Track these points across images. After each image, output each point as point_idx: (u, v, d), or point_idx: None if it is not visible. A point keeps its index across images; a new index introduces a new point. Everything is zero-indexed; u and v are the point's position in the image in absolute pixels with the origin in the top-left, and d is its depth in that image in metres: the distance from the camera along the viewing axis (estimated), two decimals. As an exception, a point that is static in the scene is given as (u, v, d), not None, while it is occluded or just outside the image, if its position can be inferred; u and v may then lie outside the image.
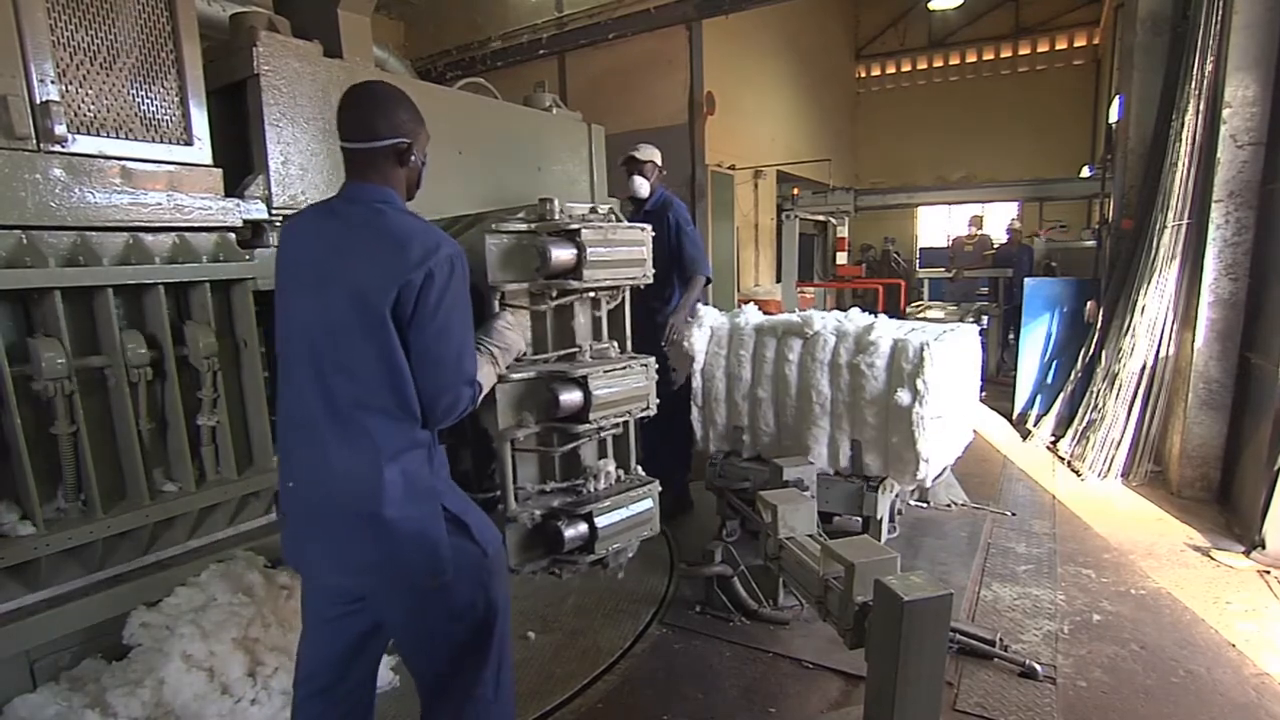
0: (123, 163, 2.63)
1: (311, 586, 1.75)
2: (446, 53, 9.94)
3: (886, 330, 3.36)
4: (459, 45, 9.84)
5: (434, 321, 1.55)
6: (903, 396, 3.13)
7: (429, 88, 3.90)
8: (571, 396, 2.04)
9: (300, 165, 3.18)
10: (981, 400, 5.36)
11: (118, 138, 2.63)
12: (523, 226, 2.04)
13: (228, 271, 2.90)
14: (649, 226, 2.36)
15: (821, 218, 11.86)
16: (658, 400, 2.39)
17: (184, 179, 2.79)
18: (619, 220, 2.23)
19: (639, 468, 2.44)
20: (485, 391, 1.77)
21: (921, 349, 3.14)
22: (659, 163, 4.34)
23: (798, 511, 2.65)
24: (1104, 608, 3.27)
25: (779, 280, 10.91)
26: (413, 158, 1.70)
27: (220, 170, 2.90)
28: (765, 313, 3.83)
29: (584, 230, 2.03)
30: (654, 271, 2.36)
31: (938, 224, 16.57)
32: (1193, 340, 4.59)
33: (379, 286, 1.52)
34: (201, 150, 2.84)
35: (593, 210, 2.10)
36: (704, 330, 3.70)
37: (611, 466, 2.33)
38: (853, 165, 16.37)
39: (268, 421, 3.08)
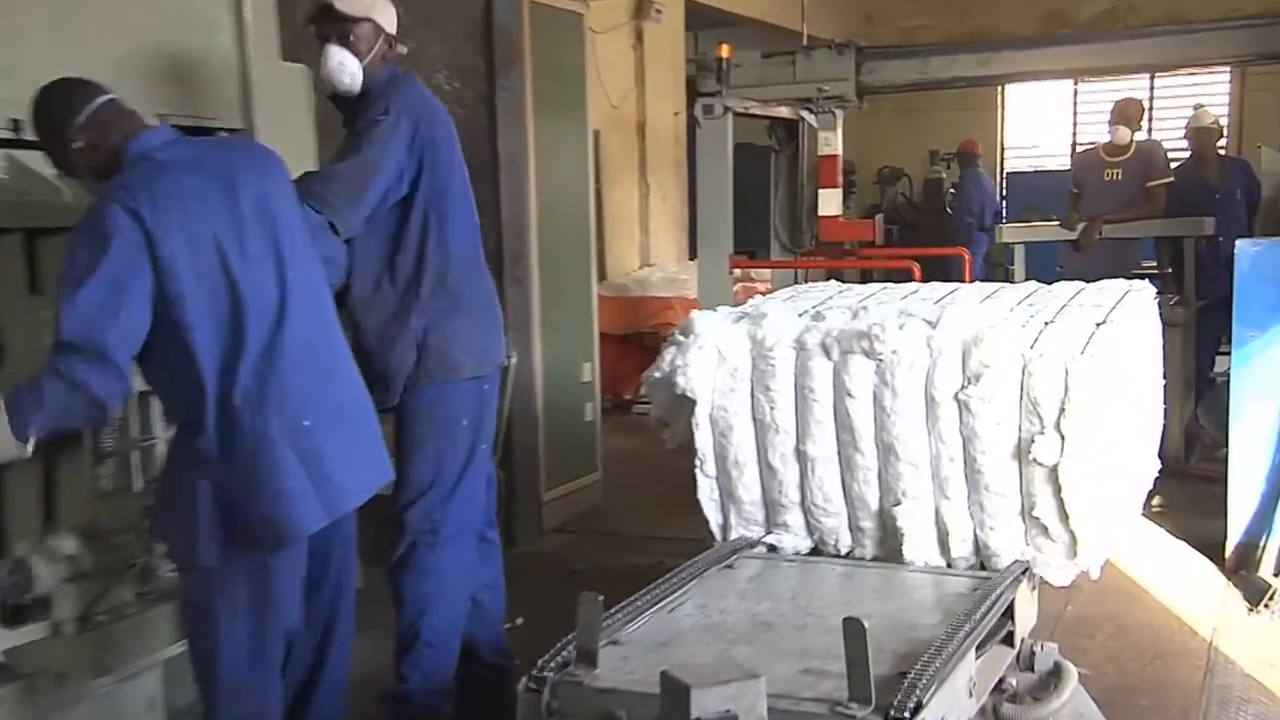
0: None
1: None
2: None
3: (1005, 340, 3.74)
4: None
5: None
6: (1042, 447, 3.50)
7: None
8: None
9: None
10: (1149, 513, 5.13)
11: None
12: None
13: None
14: None
15: (786, 113, 9.01)
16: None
17: None
18: None
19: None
20: None
21: (1065, 370, 3.52)
22: (383, 25, 4.05)
23: (727, 800, 2.77)
24: None
25: (693, 256, 9.31)
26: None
27: None
28: None
29: None
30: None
31: (1045, 123, 14.88)
32: None
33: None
34: None
35: None
36: (705, 350, 3.97)
37: None
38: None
39: None
